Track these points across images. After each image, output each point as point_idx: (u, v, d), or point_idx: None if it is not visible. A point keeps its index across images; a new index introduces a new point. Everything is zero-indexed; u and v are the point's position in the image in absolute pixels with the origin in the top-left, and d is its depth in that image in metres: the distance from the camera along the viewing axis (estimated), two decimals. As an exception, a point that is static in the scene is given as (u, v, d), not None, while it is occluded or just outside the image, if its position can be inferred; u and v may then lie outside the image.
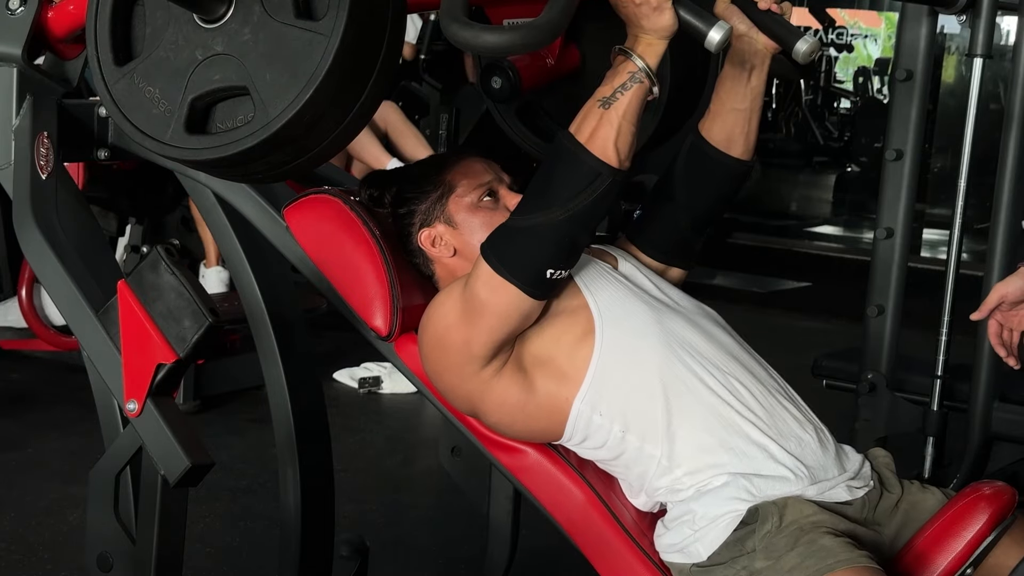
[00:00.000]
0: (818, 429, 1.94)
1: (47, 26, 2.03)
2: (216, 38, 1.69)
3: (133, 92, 1.74)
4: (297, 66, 1.63)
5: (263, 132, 1.65)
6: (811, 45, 1.85)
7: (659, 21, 1.77)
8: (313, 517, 2.32)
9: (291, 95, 1.63)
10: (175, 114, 1.71)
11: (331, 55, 1.61)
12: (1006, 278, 2.15)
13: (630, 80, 1.77)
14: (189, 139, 1.70)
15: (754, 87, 2.01)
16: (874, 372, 3.63)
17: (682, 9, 1.77)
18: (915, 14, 3.54)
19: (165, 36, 1.73)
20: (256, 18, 1.66)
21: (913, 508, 1.94)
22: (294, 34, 1.64)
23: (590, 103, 1.80)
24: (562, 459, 1.99)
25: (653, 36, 1.78)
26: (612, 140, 1.78)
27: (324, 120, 1.69)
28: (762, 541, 1.80)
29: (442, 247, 2.03)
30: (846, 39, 11.15)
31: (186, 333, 1.87)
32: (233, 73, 1.68)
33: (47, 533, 3.34)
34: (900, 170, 3.58)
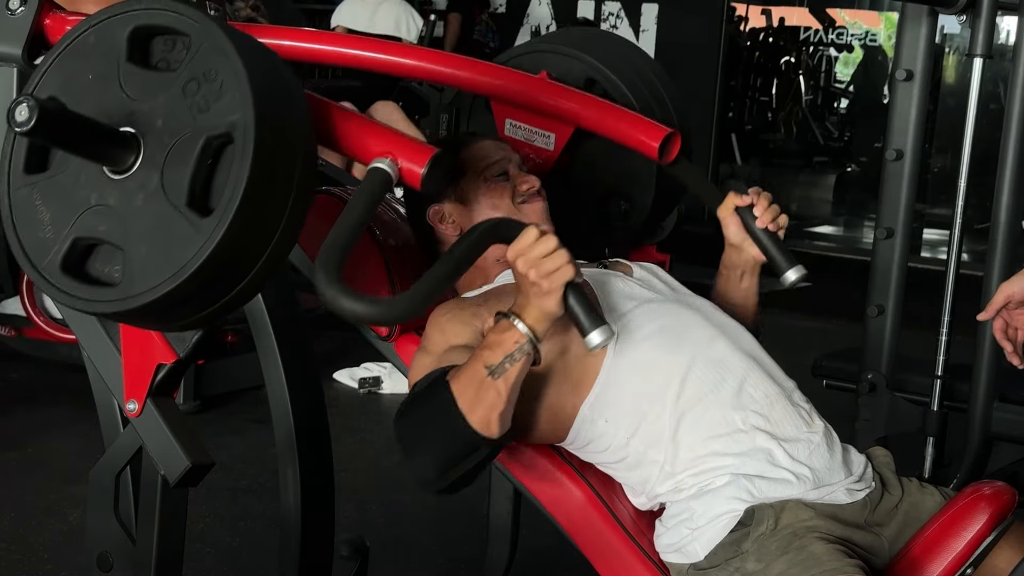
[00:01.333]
0: (827, 432, 1.94)
1: (46, 28, 2.02)
2: (113, 190, 1.62)
3: (28, 206, 1.67)
4: (172, 253, 1.57)
5: (123, 304, 1.60)
6: (799, 277, 1.99)
7: (545, 304, 1.71)
8: (313, 517, 2.32)
9: (157, 279, 1.57)
10: (56, 247, 1.64)
11: (203, 257, 1.55)
12: (1011, 278, 2.15)
13: (518, 351, 1.71)
14: (61, 278, 1.64)
15: (746, 288, 2.11)
16: (874, 372, 3.63)
17: (573, 301, 1.72)
18: (915, 14, 3.54)
19: (72, 166, 1.66)
20: (152, 188, 1.59)
21: (913, 509, 1.94)
22: (178, 221, 1.57)
23: (476, 367, 1.72)
24: (562, 459, 1.99)
25: (538, 313, 1.73)
26: (498, 411, 1.72)
27: (187, 305, 1.64)
28: (755, 543, 1.80)
29: (448, 225, 2.05)
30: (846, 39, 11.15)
31: (186, 333, 1.87)
32: (116, 231, 1.61)
33: (47, 533, 3.35)
34: (900, 170, 3.58)
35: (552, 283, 1.70)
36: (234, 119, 1.55)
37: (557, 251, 1.70)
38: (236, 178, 1.55)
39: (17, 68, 2.00)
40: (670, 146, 2.10)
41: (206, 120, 1.57)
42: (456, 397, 1.72)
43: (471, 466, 1.75)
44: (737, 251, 2.06)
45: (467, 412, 1.71)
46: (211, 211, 1.56)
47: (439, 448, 1.75)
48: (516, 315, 1.73)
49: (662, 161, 2.11)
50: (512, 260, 1.73)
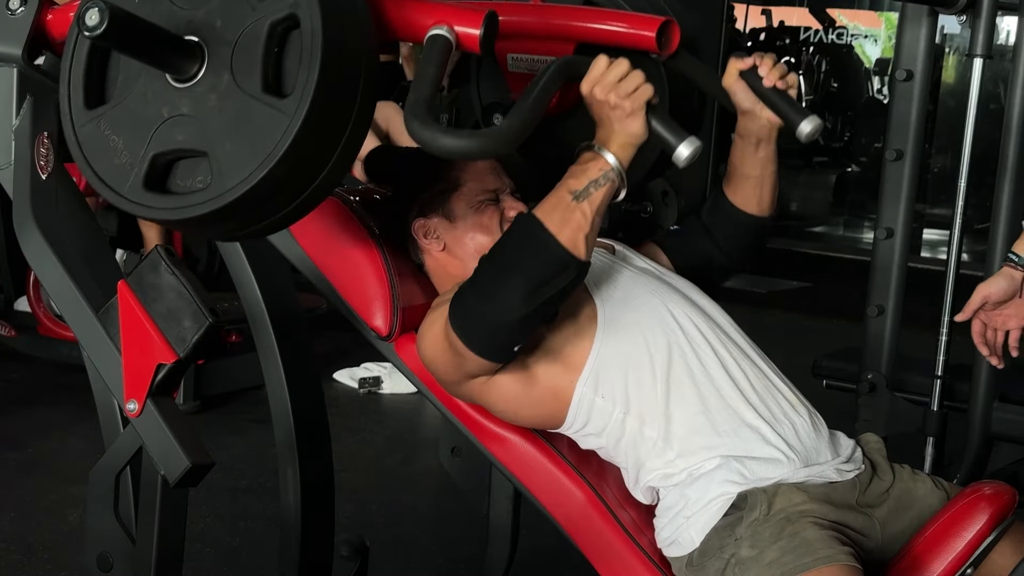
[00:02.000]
0: (811, 413, 1.97)
1: (47, 27, 2.03)
2: (183, 98, 1.65)
3: (98, 138, 1.71)
4: (257, 141, 1.59)
5: (216, 202, 1.62)
6: (815, 126, 1.89)
7: (630, 127, 1.75)
8: (313, 517, 2.32)
9: (247, 170, 1.59)
10: (135, 168, 1.67)
11: (291, 135, 1.57)
12: (989, 279, 2.17)
13: (603, 178, 1.75)
14: (145, 196, 1.67)
15: (763, 157, 2.06)
16: (874, 372, 3.63)
17: (655, 120, 1.76)
18: (915, 14, 3.54)
19: (136, 87, 1.69)
20: (224, 85, 1.62)
21: (905, 495, 1.95)
22: (258, 108, 1.60)
23: (561, 192, 1.77)
24: (562, 459, 1.99)
25: (624, 139, 1.76)
26: (584, 233, 1.75)
27: (279, 195, 1.66)
28: (749, 529, 1.82)
29: (433, 240, 2.04)
30: (846, 39, 11.15)
31: (186, 333, 1.87)
32: (195, 136, 1.64)
33: (47, 533, 3.35)
34: (900, 170, 3.58)
35: (635, 103, 1.74)
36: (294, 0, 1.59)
37: (632, 72, 1.75)
38: (309, 54, 1.58)
39: (17, 68, 2.00)
40: (668, 36, 2.03)
41: (266, 7, 1.61)
42: (544, 221, 1.75)
43: (557, 289, 1.77)
44: (750, 117, 2.00)
45: (556, 232, 1.75)
46: (288, 93, 1.59)
47: (528, 268, 1.76)
48: (601, 145, 1.77)
49: (662, 54, 2.05)
50: (588, 91, 1.76)
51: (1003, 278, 2.15)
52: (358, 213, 2.08)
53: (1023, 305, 2.16)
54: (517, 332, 1.82)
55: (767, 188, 2.10)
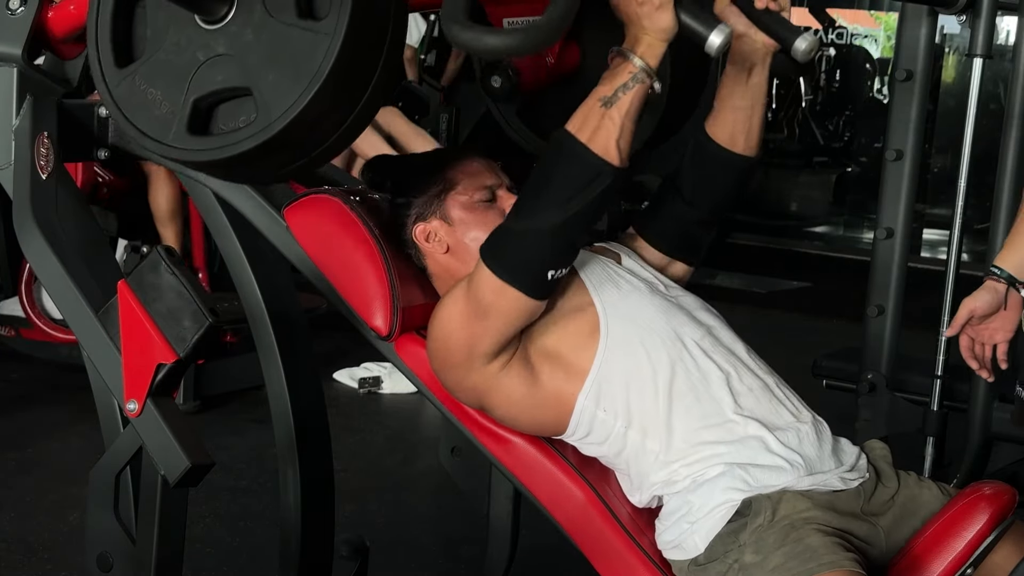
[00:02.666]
0: (815, 421, 1.96)
1: (47, 26, 2.03)
2: (218, 39, 1.68)
3: (135, 94, 1.73)
4: (299, 67, 1.62)
5: (265, 133, 1.64)
6: (810, 43, 1.86)
7: (660, 22, 1.76)
8: (313, 517, 2.32)
9: (293, 96, 1.62)
10: (177, 115, 1.70)
11: (334, 55, 1.60)
12: (974, 293, 2.17)
13: (631, 80, 1.77)
14: (191, 140, 1.70)
15: (755, 85, 2.01)
16: (874, 372, 3.63)
17: (683, 12, 1.76)
18: (915, 14, 3.54)
19: (167, 38, 1.72)
20: (257, 18, 1.65)
21: (910, 502, 1.94)
22: (296, 34, 1.63)
23: (590, 102, 1.79)
24: (562, 459, 1.99)
25: (653, 37, 1.77)
26: (615, 139, 1.77)
27: (327, 120, 1.68)
28: (753, 535, 1.81)
29: (435, 243, 2.04)
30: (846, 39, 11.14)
31: (186, 333, 1.87)
32: (235, 74, 1.67)
33: (47, 533, 3.35)
34: (900, 170, 3.59)
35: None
36: None
37: None
38: None
39: (17, 68, 2.00)
40: None
41: None
42: (575, 132, 1.78)
43: (593, 195, 1.78)
44: (744, 41, 1.97)
45: (587, 141, 1.77)
46: (323, 16, 1.61)
47: (561, 180, 1.79)
48: (628, 49, 1.77)
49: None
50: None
51: (987, 292, 2.15)
52: (358, 213, 2.08)
53: (1008, 318, 2.16)
54: (556, 248, 1.82)
55: (756, 121, 2.05)
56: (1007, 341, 2.17)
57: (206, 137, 1.70)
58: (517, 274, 1.82)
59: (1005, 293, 2.14)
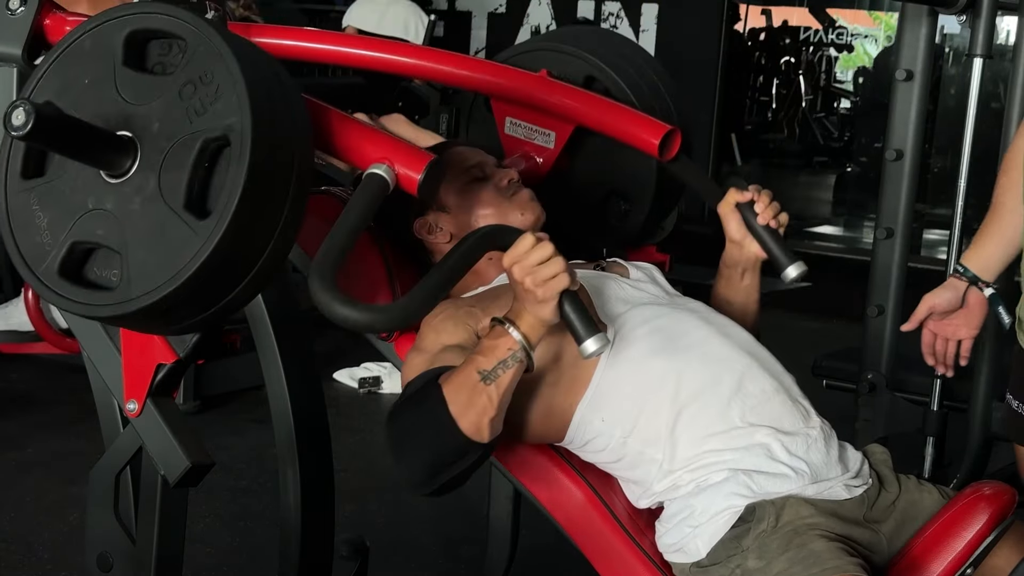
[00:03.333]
0: (824, 426, 1.95)
1: (46, 28, 2.03)
2: (110, 194, 1.62)
3: (26, 211, 1.68)
4: (169, 256, 1.57)
5: (121, 307, 1.60)
6: (800, 272, 1.97)
7: (540, 312, 1.72)
8: (313, 517, 2.32)
9: (156, 281, 1.57)
10: (53, 251, 1.64)
11: (202, 258, 1.55)
12: (935, 289, 2.18)
13: (511, 359, 1.72)
14: (58, 283, 1.64)
15: (747, 286, 2.10)
16: (874, 372, 3.63)
17: (568, 308, 1.72)
18: (915, 14, 3.54)
19: (70, 171, 1.66)
20: (149, 191, 1.59)
21: (911, 506, 1.94)
22: (175, 223, 1.57)
23: (468, 371, 1.72)
24: (562, 459, 1.99)
25: (534, 319, 1.73)
26: (489, 417, 1.72)
27: (185, 308, 1.64)
28: (756, 540, 1.81)
29: (437, 234, 2.05)
30: (846, 39, 11.15)
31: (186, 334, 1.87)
32: (114, 236, 1.61)
33: (47, 533, 3.35)
34: (900, 170, 3.58)
35: (547, 291, 1.69)
36: (230, 122, 1.55)
37: (553, 259, 1.70)
38: (233, 180, 1.55)
39: (17, 68, 2.00)
40: (670, 143, 2.11)
41: (203, 123, 1.57)
42: (448, 402, 1.72)
43: (460, 470, 1.75)
44: (738, 248, 2.05)
45: (458, 417, 1.71)
46: (208, 213, 1.57)
47: (428, 451, 1.74)
48: (511, 322, 1.73)
49: (662, 158, 2.11)
50: (508, 267, 1.72)
51: (948, 289, 2.17)
52: (358, 213, 2.08)
53: (972, 316, 2.18)
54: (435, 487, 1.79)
55: (749, 314, 2.12)
56: (971, 338, 2.19)
57: (72, 286, 1.64)
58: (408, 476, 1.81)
59: (964, 291, 2.15)
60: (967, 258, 2.17)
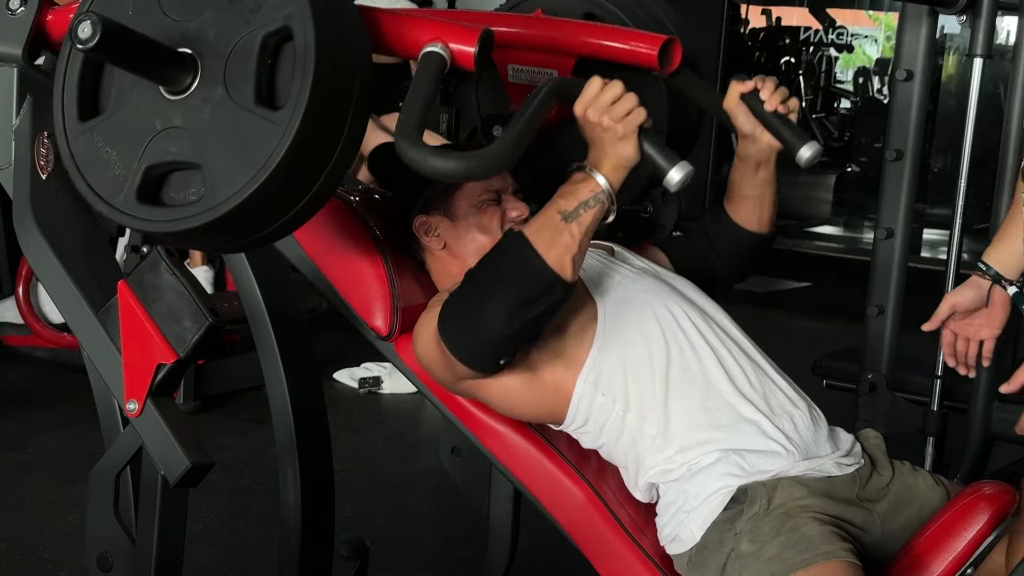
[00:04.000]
0: (810, 407, 1.97)
1: (47, 27, 2.03)
2: (176, 110, 1.65)
3: (92, 150, 1.70)
4: (249, 154, 1.59)
5: (208, 215, 1.62)
6: (814, 152, 1.92)
7: (622, 150, 1.76)
8: (313, 517, 2.32)
9: (240, 182, 1.59)
10: (128, 180, 1.67)
11: (284, 148, 1.57)
12: (957, 287, 2.16)
13: (593, 199, 1.76)
14: (139, 208, 1.67)
15: (762, 179, 2.09)
16: (874, 372, 3.63)
17: (647, 143, 1.76)
18: (915, 14, 3.54)
19: (129, 99, 1.69)
20: (217, 98, 1.62)
21: (906, 491, 1.95)
22: (251, 121, 1.60)
23: (549, 212, 1.77)
24: (562, 459, 1.99)
25: (616, 162, 1.77)
26: (572, 255, 1.76)
27: (271, 208, 1.65)
28: (748, 523, 1.82)
29: (433, 238, 2.05)
30: (846, 39, 11.15)
31: (186, 333, 1.87)
32: (188, 148, 1.64)
33: (47, 533, 3.35)
34: (900, 170, 3.58)
35: (627, 126, 1.75)
36: (288, 11, 1.59)
37: (626, 95, 1.75)
38: (303, 66, 1.57)
39: (17, 68, 2.01)
40: (670, 54, 2.05)
41: (259, 20, 1.60)
42: (532, 241, 1.76)
43: (541, 309, 1.77)
44: (750, 141, 2.02)
45: (543, 253, 1.75)
46: (281, 106, 1.59)
47: (513, 288, 1.77)
48: (593, 167, 1.77)
49: (664, 71, 2.06)
50: (581, 113, 1.77)
51: (971, 287, 2.14)
52: (358, 213, 2.08)
53: (994, 315, 2.15)
54: (502, 349, 1.83)
55: (766, 208, 2.13)
56: (994, 338, 2.16)
57: (153, 207, 1.67)
58: (469, 360, 1.84)
59: (989, 289, 2.13)
60: (988, 256, 2.15)
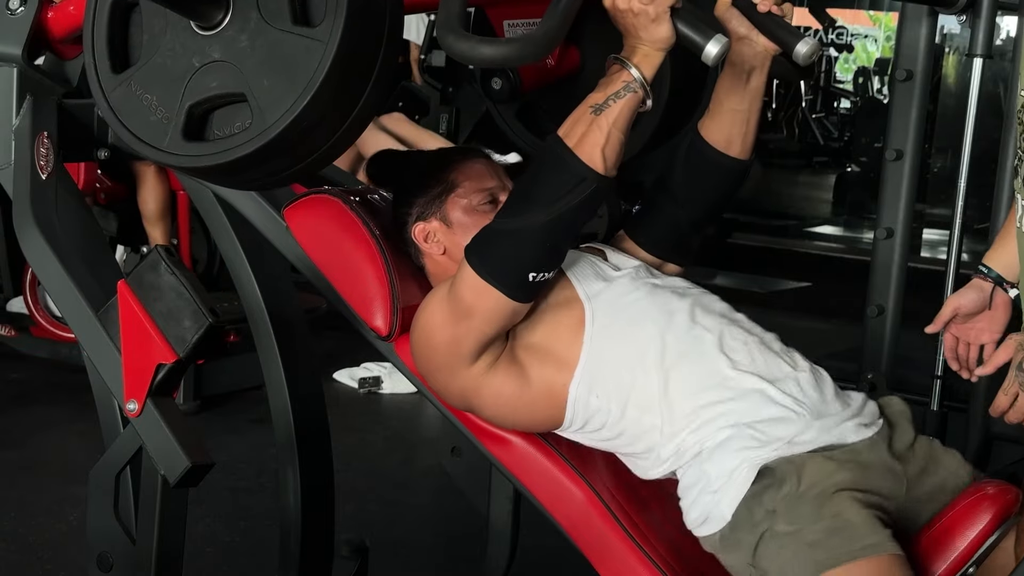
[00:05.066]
0: (814, 370, 1.95)
1: (47, 26, 2.03)
2: (213, 45, 1.68)
3: (130, 99, 1.74)
4: (294, 73, 1.63)
5: (260, 139, 1.65)
6: (811, 47, 1.86)
7: (656, 33, 1.76)
8: (313, 517, 2.32)
9: (288, 101, 1.63)
10: (172, 121, 1.70)
11: (328, 61, 1.61)
12: (960, 290, 2.14)
13: (624, 89, 1.77)
14: (187, 146, 1.70)
15: (753, 88, 2.01)
16: (874, 372, 3.63)
17: (680, 22, 1.77)
18: (915, 14, 3.54)
19: (162, 43, 1.72)
20: (253, 25, 1.66)
21: (932, 459, 1.94)
22: (291, 40, 1.64)
23: (581, 108, 1.80)
24: (562, 459, 1.99)
25: (650, 47, 1.77)
26: (600, 146, 1.77)
27: (322, 126, 1.68)
28: (783, 503, 1.79)
29: (433, 244, 2.04)
30: (846, 39, 11.15)
31: (186, 333, 1.87)
32: (230, 80, 1.67)
33: (47, 533, 3.35)
34: (900, 170, 3.58)
35: (658, 7, 1.74)
36: None
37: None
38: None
39: (17, 68, 2.01)
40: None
41: None
42: (563, 138, 1.79)
43: (577, 200, 1.78)
44: (746, 43, 1.95)
45: (574, 147, 1.78)
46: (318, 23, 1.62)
47: (547, 181, 1.79)
48: (625, 58, 1.78)
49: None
50: (611, 3, 1.77)
51: (973, 290, 2.13)
52: (358, 214, 2.08)
53: (996, 319, 2.13)
54: (538, 250, 1.82)
55: (752, 124, 2.05)
56: (994, 342, 2.14)
57: (201, 143, 1.70)
58: (499, 275, 1.83)
59: (991, 292, 2.12)
60: (990, 258, 2.13)
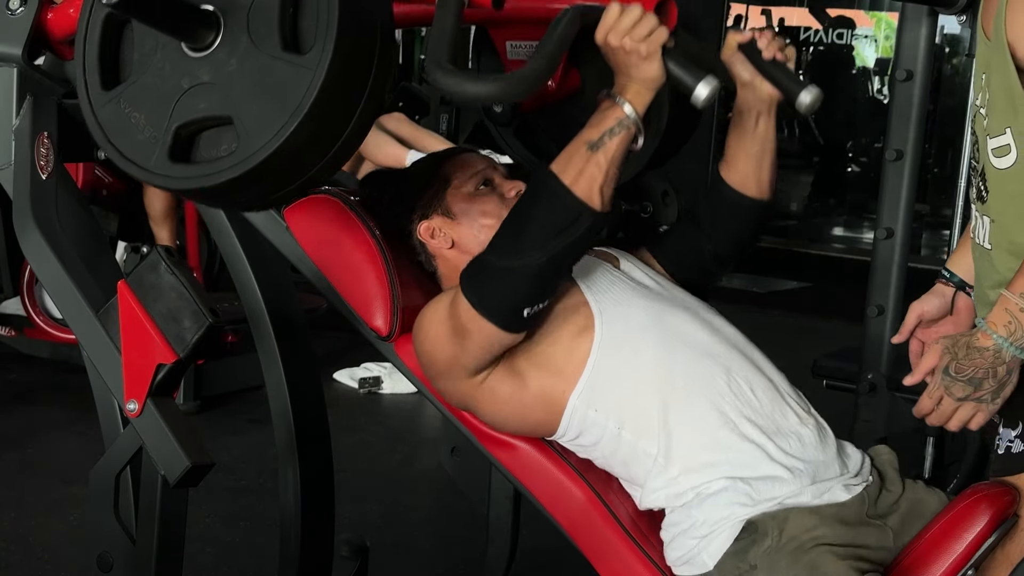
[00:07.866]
0: (819, 426, 1.94)
1: (47, 27, 2.03)
2: (202, 67, 1.68)
3: (119, 117, 1.73)
4: (282, 98, 1.62)
5: (246, 163, 1.64)
6: (814, 97, 1.88)
7: (647, 71, 1.77)
8: (313, 517, 2.32)
9: (275, 127, 1.62)
10: (159, 141, 1.70)
11: (316, 88, 1.60)
12: (923, 296, 2.15)
13: (618, 126, 1.78)
14: (172, 167, 1.69)
15: (762, 132, 2.02)
16: (874, 372, 3.62)
17: (671, 62, 1.78)
18: (915, 14, 3.53)
19: (152, 62, 1.72)
20: (243, 49, 1.65)
21: (917, 504, 1.93)
22: (279, 67, 1.63)
23: (576, 144, 1.79)
24: (562, 459, 1.99)
25: (641, 85, 1.78)
26: (599, 184, 1.77)
27: (309, 151, 1.67)
28: (764, 557, 1.79)
29: (440, 239, 2.04)
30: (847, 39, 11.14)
31: (186, 333, 1.87)
32: (218, 103, 1.67)
33: (47, 533, 3.35)
34: (900, 170, 3.58)
35: (650, 47, 1.76)
36: None
37: (646, 16, 1.77)
38: (327, 8, 1.60)
39: (17, 68, 2.00)
40: (665, 15, 2.02)
41: None
42: (559, 175, 1.78)
43: (572, 238, 1.79)
44: (750, 90, 1.98)
45: (570, 184, 1.77)
46: (307, 50, 1.62)
47: (544, 218, 1.79)
48: (617, 94, 1.79)
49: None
50: (603, 39, 1.78)
51: (936, 295, 2.14)
52: (358, 214, 2.08)
53: (960, 323, 2.14)
54: (533, 288, 1.82)
55: (766, 166, 2.06)
56: None
57: (187, 165, 1.70)
58: (492, 310, 1.83)
59: (953, 297, 2.13)
60: (952, 263, 2.14)
